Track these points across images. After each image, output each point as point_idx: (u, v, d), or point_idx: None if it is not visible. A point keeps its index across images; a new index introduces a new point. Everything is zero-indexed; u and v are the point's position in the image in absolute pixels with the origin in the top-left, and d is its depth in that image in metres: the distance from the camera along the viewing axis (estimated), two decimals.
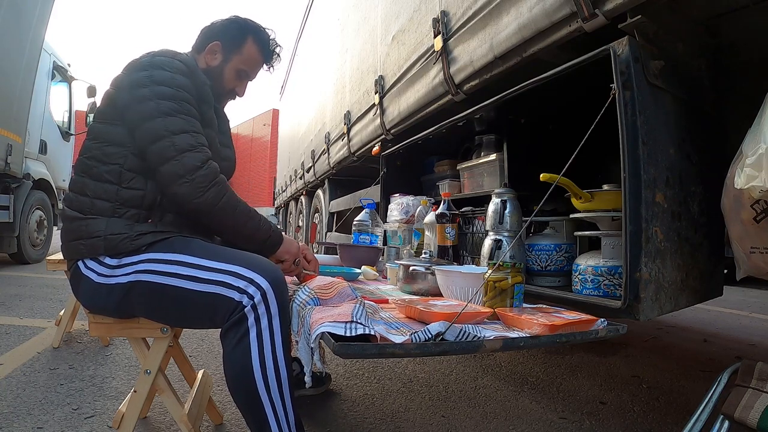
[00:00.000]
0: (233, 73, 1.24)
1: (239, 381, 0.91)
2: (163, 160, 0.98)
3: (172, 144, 0.98)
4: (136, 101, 1.00)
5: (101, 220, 0.99)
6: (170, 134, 0.98)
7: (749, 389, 0.87)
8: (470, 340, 0.80)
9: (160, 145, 0.98)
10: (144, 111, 0.99)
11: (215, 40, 1.21)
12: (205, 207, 0.99)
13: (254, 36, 1.23)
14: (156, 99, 1.00)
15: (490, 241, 1.31)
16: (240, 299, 0.91)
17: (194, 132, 1.02)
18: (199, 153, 1.00)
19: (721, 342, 2.52)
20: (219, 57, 1.22)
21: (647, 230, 1.00)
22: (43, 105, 5.03)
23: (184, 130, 1.00)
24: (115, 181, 1.02)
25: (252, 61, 1.25)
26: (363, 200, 2.14)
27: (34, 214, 4.86)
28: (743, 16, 1.13)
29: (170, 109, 1.00)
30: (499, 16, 1.42)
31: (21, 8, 4.00)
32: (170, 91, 1.02)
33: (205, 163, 1.00)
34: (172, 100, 1.01)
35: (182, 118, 1.01)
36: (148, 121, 0.99)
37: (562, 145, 1.16)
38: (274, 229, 1.14)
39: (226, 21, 1.23)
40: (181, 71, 1.06)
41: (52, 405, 1.44)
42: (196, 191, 0.97)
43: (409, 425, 1.42)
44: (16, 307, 2.81)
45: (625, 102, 1.00)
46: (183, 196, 0.98)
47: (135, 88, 1.01)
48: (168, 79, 1.03)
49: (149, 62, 1.05)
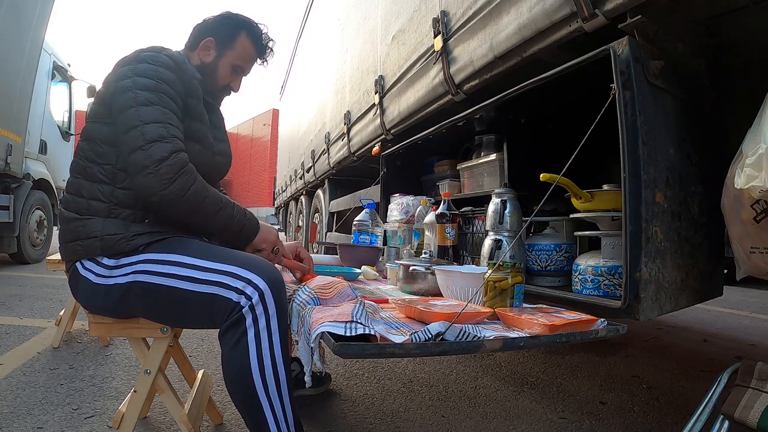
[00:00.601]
0: (227, 69, 1.24)
1: (237, 381, 0.91)
2: (131, 149, 0.96)
3: (141, 134, 0.95)
4: (117, 93, 1.00)
5: (97, 220, 0.99)
6: (142, 124, 0.96)
7: (749, 389, 0.87)
8: (470, 340, 0.80)
9: (130, 135, 0.96)
10: (122, 101, 0.99)
11: (208, 37, 1.21)
12: (169, 199, 0.96)
13: (247, 31, 1.23)
14: (135, 89, 0.99)
15: (490, 241, 1.31)
16: (238, 300, 0.91)
17: (168, 123, 0.99)
18: (167, 143, 0.96)
19: (721, 342, 2.52)
20: (213, 53, 1.22)
21: (647, 230, 1.00)
22: (43, 105, 5.03)
23: (157, 121, 0.98)
24: (109, 181, 1.02)
25: (246, 55, 1.25)
26: (363, 200, 2.14)
27: (34, 214, 4.86)
28: (743, 16, 1.13)
29: (147, 100, 0.99)
30: (499, 16, 1.42)
31: (21, 8, 4.00)
32: (150, 83, 1.01)
33: (173, 154, 0.96)
34: (151, 91, 1.00)
35: (157, 109, 0.99)
36: (124, 111, 0.98)
37: (562, 145, 1.16)
38: (249, 218, 1.11)
39: (219, 17, 1.23)
40: (165, 65, 1.05)
41: (52, 405, 1.44)
42: (161, 183, 0.94)
43: (409, 425, 1.42)
44: (16, 307, 2.81)
45: (625, 102, 1.00)
46: (147, 188, 0.95)
47: (118, 81, 1.01)
48: (150, 70, 1.02)
49: (134, 57, 1.05)
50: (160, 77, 1.02)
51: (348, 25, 3.34)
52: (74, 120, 5.95)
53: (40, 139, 5.00)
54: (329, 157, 3.82)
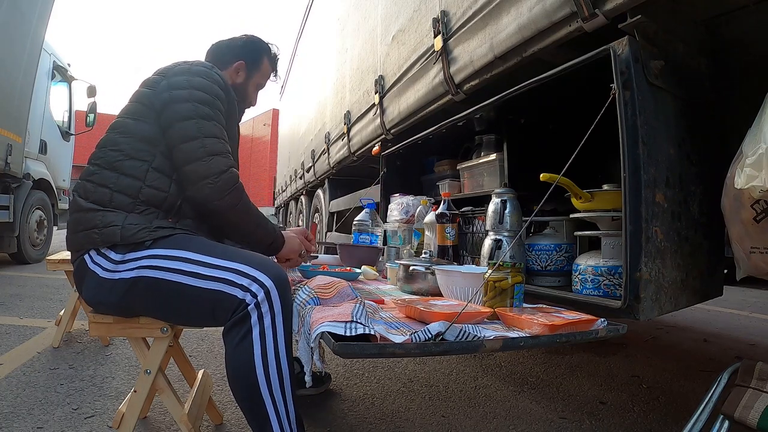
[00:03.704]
0: (253, 88, 1.40)
1: (241, 378, 0.91)
2: (190, 159, 1.02)
3: (203, 145, 1.03)
4: (174, 101, 1.06)
5: (120, 214, 1.00)
6: (203, 136, 1.04)
7: (749, 389, 0.87)
8: (470, 340, 0.80)
9: (191, 145, 1.03)
10: (181, 111, 1.05)
11: (239, 60, 1.33)
12: (223, 209, 1.05)
13: (267, 54, 1.40)
14: (194, 102, 1.06)
15: (490, 241, 1.31)
16: (243, 297, 0.91)
17: (223, 139, 1.09)
18: (226, 158, 1.06)
19: (721, 342, 2.52)
20: (243, 75, 1.35)
21: (647, 230, 1.00)
22: (43, 105, 5.03)
23: (215, 135, 1.06)
24: (139, 177, 1.03)
25: (266, 75, 1.43)
26: (363, 200, 2.14)
27: (34, 214, 4.86)
28: (743, 16, 1.13)
29: (206, 114, 1.07)
30: (499, 16, 1.42)
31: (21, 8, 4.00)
32: (207, 98, 1.09)
33: (230, 169, 1.05)
34: (209, 106, 1.08)
35: (216, 125, 1.08)
36: (184, 120, 1.04)
37: (562, 145, 1.16)
38: (278, 233, 1.20)
39: (245, 41, 1.36)
40: (218, 83, 1.14)
41: (52, 405, 1.44)
42: (219, 193, 1.03)
43: (409, 425, 1.42)
44: (16, 307, 2.81)
45: (625, 102, 1.00)
46: (205, 197, 1.03)
47: (174, 89, 1.07)
48: (206, 86, 1.10)
49: (188, 69, 1.13)
50: (214, 93, 1.11)
51: (348, 25, 3.34)
52: (74, 120, 5.95)
53: (40, 139, 4.99)
54: (329, 157, 3.82)
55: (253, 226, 1.13)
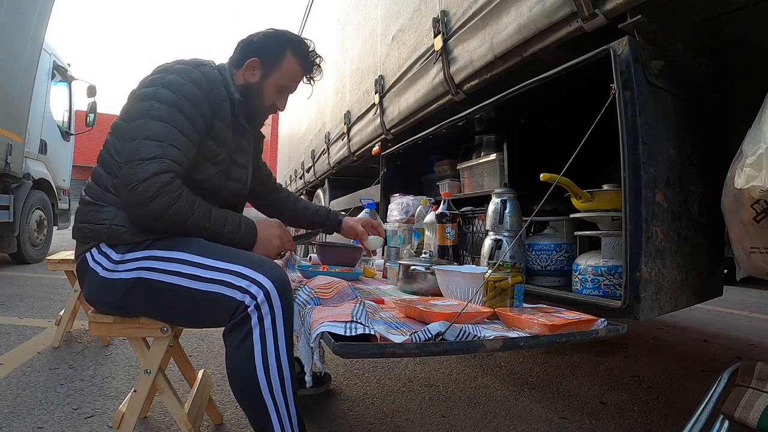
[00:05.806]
0: (273, 89, 1.21)
1: (242, 380, 0.91)
2: (125, 161, 0.97)
3: (137, 148, 0.95)
4: (138, 99, 1.02)
5: (110, 209, 1.01)
6: (142, 138, 0.96)
7: (749, 389, 0.87)
8: (470, 340, 0.80)
9: (129, 146, 0.97)
10: (137, 109, 1.01)
11: (254, 57, 1.17)
12: (148, 218, 0.96)
13: (293, 49, 1.20)
14: (153, 101, 1.00)
15: (490, 241, 1.31)
16: (242, 299, 0.91)
17: (168, 144, 0.97)
18: (154, 164, 0.94)
19: (721, 342, 2.52)
20: (258, 73, 1.19)
21: (647, 230, 1.00)
22: (43, 105, 5.03)
23: (158, 139, 0.96)
24: None
25: (292, 75, 1.22)
26: (363, 200, 2.14)
27: (34, 214, 4.86)
28: (743, 16, 1.13)
29: (158, 114, 0.98)
30: (499, 16, 1.42)
31: (21, 8, 4.00)
32: (170, 97, 1.00)
33: (156, 175, 0.93)
34: (168, 106, 0.99)
35: (164, 126, 0.97)
36: (135, 119, 1.00)
37: (562, 145, 1.16)
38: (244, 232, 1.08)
39: (264, 35, 1.20)
40: (194, 81, 1.03)
41: (52, 405, 1.44)
42: (138, 202, 0.94)
43: (409, 425, 1.42)
44: (16, 307, 2.81)
45: (625, 102, 1.00)
46: (126, 204, 0.97)
47: (144, 87, 1.03)
48: (175, 84, 1.01)
49: (169, 67, 1.07)
50: (184, 92, 1.01)
51: (348, 25, 3.34)
52: (74, 120, 5.95)
53: (40, 139, 5.00)
54: (329, 156, 3.82)
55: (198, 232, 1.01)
